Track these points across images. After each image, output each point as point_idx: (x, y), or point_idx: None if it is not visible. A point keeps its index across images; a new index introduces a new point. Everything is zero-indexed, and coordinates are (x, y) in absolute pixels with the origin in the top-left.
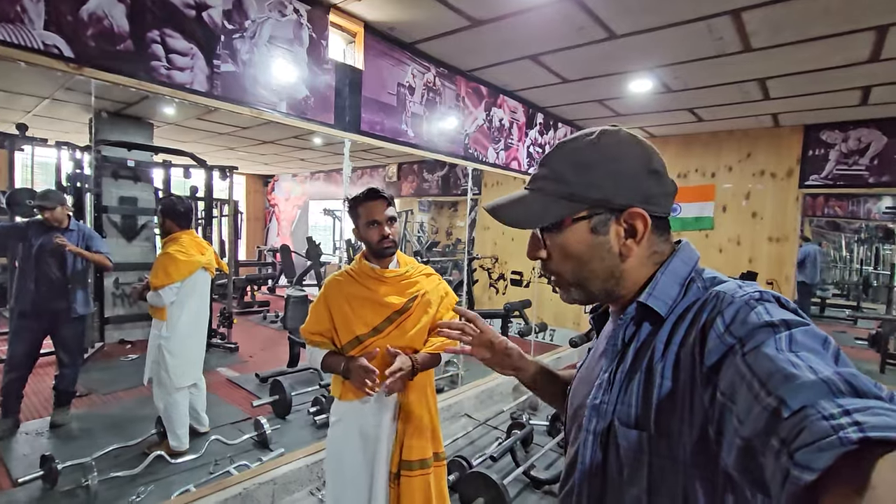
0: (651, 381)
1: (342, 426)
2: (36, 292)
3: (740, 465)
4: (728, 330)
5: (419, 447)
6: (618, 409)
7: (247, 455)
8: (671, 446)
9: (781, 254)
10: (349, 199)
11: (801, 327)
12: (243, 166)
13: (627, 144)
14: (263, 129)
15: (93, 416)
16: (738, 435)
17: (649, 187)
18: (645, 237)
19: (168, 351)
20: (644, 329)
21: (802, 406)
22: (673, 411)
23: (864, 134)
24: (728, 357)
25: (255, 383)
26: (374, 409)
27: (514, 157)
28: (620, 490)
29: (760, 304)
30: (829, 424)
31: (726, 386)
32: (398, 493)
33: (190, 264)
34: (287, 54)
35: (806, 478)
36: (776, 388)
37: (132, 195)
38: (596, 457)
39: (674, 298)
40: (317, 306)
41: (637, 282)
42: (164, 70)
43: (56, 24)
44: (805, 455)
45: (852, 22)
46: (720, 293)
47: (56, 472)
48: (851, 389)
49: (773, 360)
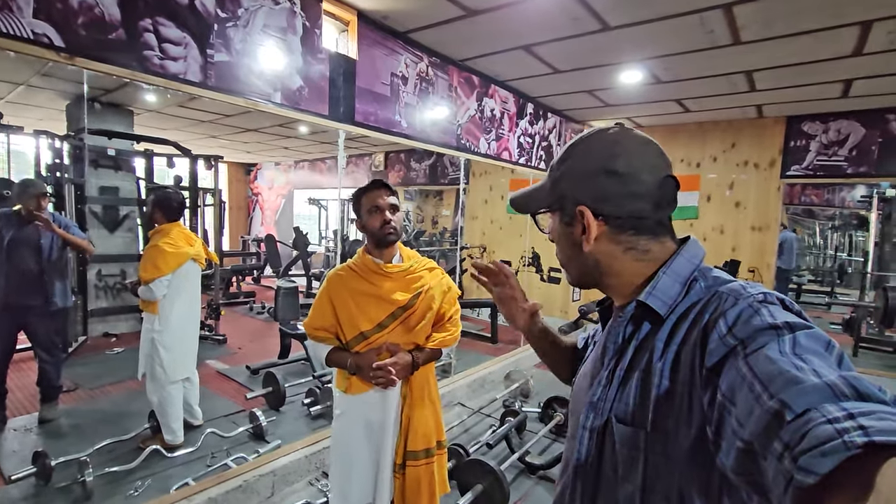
0: (649, 379)
1: (347, 419)
2: (7, 286)
3: (739, 468)
4: (730, 331)
5: (424, 437)
6: (615, 406)
7: (243, 447)
8: (667, 445)
9: (763, 242)
10: (354, 193)
11: (805, 330)
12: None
13: (599, 144)
14: (247, 118)
15: (81, 410)
16: (738, 437)
17: (602, 188)
18: (603, 234)
19: (161, 345)
20: (644, 327)
21: (806, 409)
22: (670, 410)
23: (843, 125)
24: (730, 358)
25: (246, 375)
26: (378, 402)
27: (506, 148)
28: (615, 487)
29: (764, 307)
30: (834, 428)
31: (727, 387)
32: (403, 482)
33: (179, 256)
34: (281, 43)
35: (809, 481)
36: (779, 391)
37: (113, 185)
38: (591, 453)
39: (674, 298)
40: (320, 301)
41: (632, 279)
42: (157, 60)
43: (46, 12)
44: (809, 459)
45: (840, 17)
46: (723, 294)
47: (50, 469)
48: (855, 393)
49: (775, 363)
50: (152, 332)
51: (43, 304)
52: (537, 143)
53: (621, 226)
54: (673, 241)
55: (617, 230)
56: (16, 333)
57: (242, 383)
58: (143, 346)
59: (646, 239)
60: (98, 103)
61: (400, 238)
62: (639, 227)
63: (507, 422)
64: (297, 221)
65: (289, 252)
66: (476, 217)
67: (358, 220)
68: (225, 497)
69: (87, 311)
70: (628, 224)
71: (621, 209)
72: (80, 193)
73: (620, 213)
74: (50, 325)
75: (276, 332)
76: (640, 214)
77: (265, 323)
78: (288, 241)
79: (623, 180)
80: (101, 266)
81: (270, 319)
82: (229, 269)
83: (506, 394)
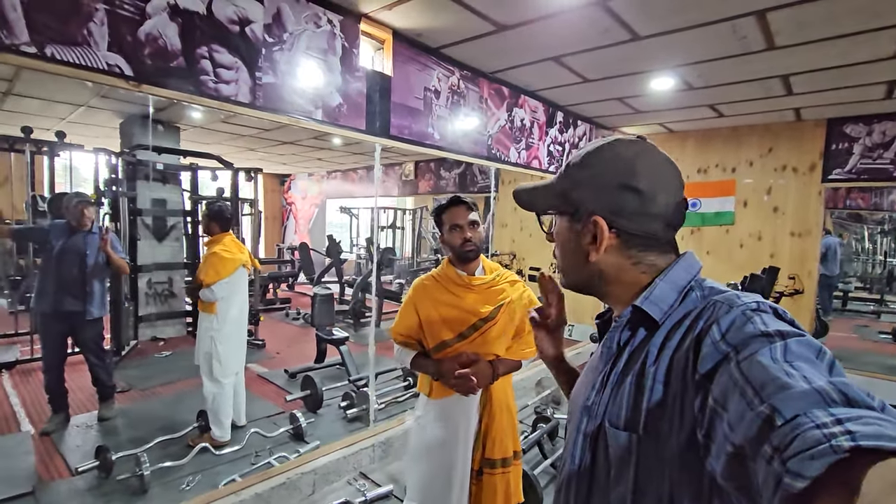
0: (642, 384)
1: (427, 421)
2: (55, 294)
3: (728, 472)
4: (724, 338)
5: (501, 446)
6: (608, 410)
7: (284, 447)
8: (659, 449)
9: (804, 248)
10: (435, 209)
11: (797, 338)
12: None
13: (621, 157)
14: (285, 131)
15: (135, 410)
16: (729, 441)
17: (620, 202)
18: (612, 247)
19: (219, 341)
20: (639, 333)
21: (795, 415)
22: (662, 415)
23: (888, 127)
24: (722, 365)
25: (285, 379)
26: (459, 409)
27: (535, 156)
28: (607, 490)
29: (757, 315)
30: (822, 433)
31: (719, 393)
32: (480, 489)
33: (235, 262)
34: (322, 64)
35: (798, 485)
36: (770, 397)
37: (162, 197)
38: (585, 457)
39: (670, 304)
40: (406, 308)
41: (630, 288)
42: (211, 84)
43: (118, 45)
44: (797, 463)
45: (877, 19)
46: (717, 302)
47: (111, 462)
48: (844, 399)
49: (767, 369)
50: (211, 331)
51: (82, 311)
52: (567, 151)
53: (632, 241)
54: (675, 253)
55: (627, 245)
56: (66, 337)
57: (281, 386)
58: (202, 345)
59: (654, 255)
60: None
61: (481, 252)
62: (649, 244)
63: (539, 428)
64: (329, 230)
65: (322, 259)
66: (506, 225)
67: (441, 236)
68: (270, 493)
69: (139, 317)
70: (639, 241)
71: (636, 226)
72: (132, 206)
73: (634, 229)
74: (91, 332)
75: (312, 337)
76: (653, 234)
77: (301, 328)
78: (321, 248)
79: (642, 198)
80: (150, 275)
81: (306, 325)
82: (266, 275)
83: (537, 400)
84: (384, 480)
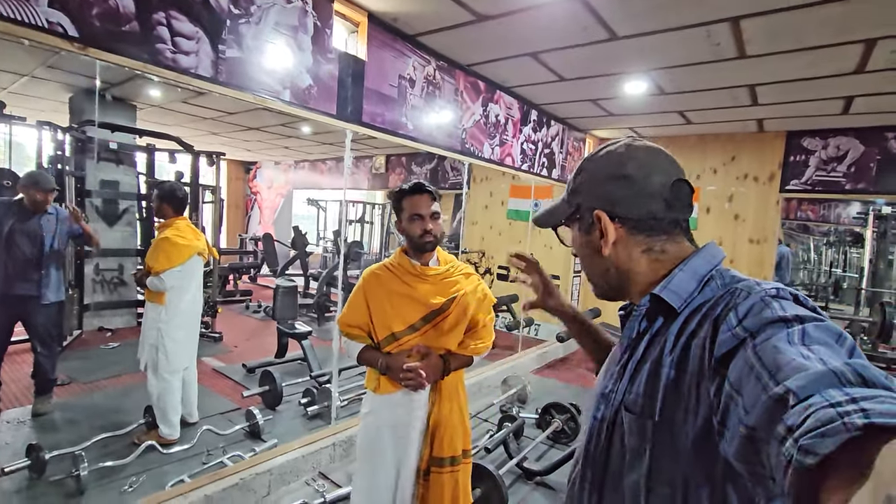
0: (659, 371)
1: (374, 418)
2: (4, 277)
3: (742, 455)
4: (741, 323)
5: (450, 444)
6: (626, 397)
7: (238, 446)
8: (674, 435)
9: (761, 255)
10: (394, 192)
11: (815, 322)
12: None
13: (610, 155)
14: (250, 116)
15: (75, 404)
16: (743, 423)
17: (612, 191)
18: (621, 236)
19: (167, 335)
20: (657, 322)
21: (810, 395)
22: (678, 401)
23: (842, 142)
24: (739, 350)
25: (242, 374)
26: (406, 405)
27: (509, 154)
28: (620, 476)
29: (776, 301)
30: (836, 411)
31: (735, 378)
32: (427, 489)
33: (189, 248)
34: (291, 41)
35: (809, 462)
36: (785, 378)
37: (114, 178)
38: (601, 442)
39: (689, 293)
40: (355, 298)
41: (650, 279)
42: (169, 53)
43: (60, 1)
44: (809, 440)
45: (846, 33)
46: (736, 289)
47: (43, 462)
48: (861, 380)
49: (783, 353)
50: (158, 322)
51: (37, 295)
52: (540, 150)
53: (637, 227)
54: (691, 243)
55: (633, 232)
56: (12, 325)
57: (238, 381)
58: (148, 337)
59: (662, 240)
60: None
61: (438, 244)
62: (653, 227)
63: (504, 427)
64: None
65: (286, 252)
66: (476, 222)
67: (398, 222)
68: (221, 495)
69: (84, 305)
70: (643, 225)
71: (634, 210)
72: (80, 186)
73: (633, 213)
74: (46, 318)
75: (273, 331)
76: (653, 215)
77: (261, 322)
78: (285, 240)
79: (632, 182)
80: (98, 260)
81: (266, 318)
82: (226, 266)
83: (503, 399)
84: (344, 481)
